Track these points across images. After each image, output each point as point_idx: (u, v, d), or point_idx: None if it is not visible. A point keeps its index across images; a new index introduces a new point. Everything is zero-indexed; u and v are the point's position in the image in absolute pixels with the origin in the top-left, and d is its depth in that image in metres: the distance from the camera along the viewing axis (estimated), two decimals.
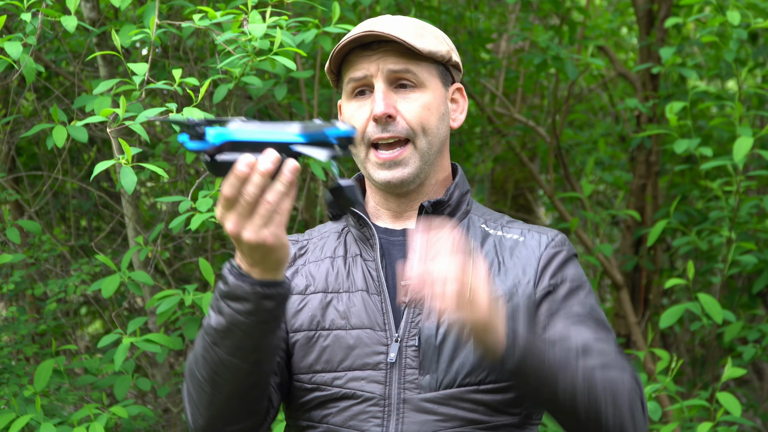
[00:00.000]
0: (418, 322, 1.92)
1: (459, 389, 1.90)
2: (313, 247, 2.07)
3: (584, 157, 5.28)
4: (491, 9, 5.21)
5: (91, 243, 4.01)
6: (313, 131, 1.66)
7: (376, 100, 1.95)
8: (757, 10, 4.08)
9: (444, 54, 2.00)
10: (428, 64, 1.98)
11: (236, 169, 1.61)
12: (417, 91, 1.97)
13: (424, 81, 1.97)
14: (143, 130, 2.73)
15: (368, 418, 1.91)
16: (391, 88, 1.96)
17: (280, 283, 1.73)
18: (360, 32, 1.95)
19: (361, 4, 3.67)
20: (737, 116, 3.71)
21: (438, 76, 2.00)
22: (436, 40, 2.00)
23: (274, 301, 1.73)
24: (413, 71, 1.96)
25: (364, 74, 1.96)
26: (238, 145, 1.63)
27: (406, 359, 1.91)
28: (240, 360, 1.78)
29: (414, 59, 1.96)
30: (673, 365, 3.42)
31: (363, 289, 1.96)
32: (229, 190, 1.62)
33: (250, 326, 1.74)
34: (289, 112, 4.20)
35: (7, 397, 3.14)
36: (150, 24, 2.89)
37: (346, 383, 1.92)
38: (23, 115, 4.02)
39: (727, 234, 3.92)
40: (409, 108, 1.96)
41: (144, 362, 3.89)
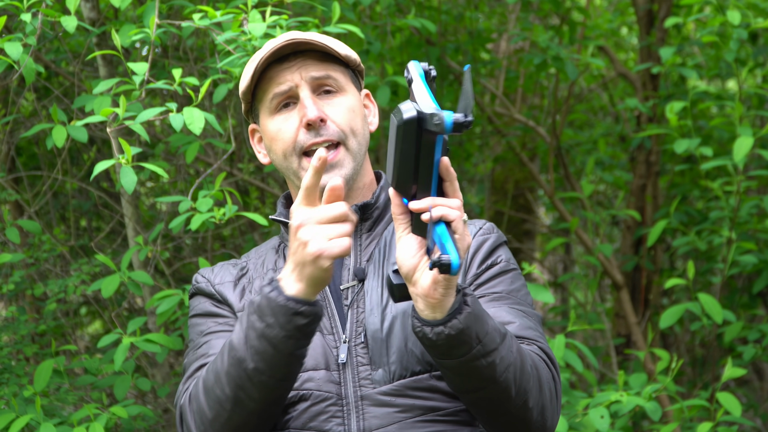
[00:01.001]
0: (362, 320, 1.95)
1: (412, 378, 1.93)
2: (253, 266, 2.12)
3: (584, 157, 5.28)
4: (491, 9, 5.21)
5: (91, 243, 4.00)
6: None
7: (306, 106, 1.99)
8: (757, 10, 4.08)
9: (355, 59, 2.06)
10: (344, 69, 2.05)
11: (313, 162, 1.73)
12: (339, 95, 2.02)
13: (343, 85, 2.03)
14: (143, 130, 2.73)
15: (328, 418, 1.93)
16: (315, 95, 2.01)
17: (314, 302, 1.79)
18: (278, 44, 1.99)
19: (361, 4, 3.67)
20: (737, 116, 3.71)
21: (352, 81, 2.06)
22: (345, 46, 2.07)
23: (307, 319, 1.78)
24: (333, 76, 2.02)
25: (289, 86, 2.00)
26: None
27: (357, 357, 1.95)
28: (268, 376, 1.83)
29: (332, 65, 2.02)
30: (673, 365, 3.42)
31: None
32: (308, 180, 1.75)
33: (282, 342, 1.79)
34: None
35: (7, 397, 3.13)
36: (150, 24, 2.89)
37: (302, 385, 1.95)
38: (23, 115, 4.02)
39: (727, 234, 3.92)
40: (336, 112, 2.00)
41: (144, 362, 3.89)
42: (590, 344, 5.33)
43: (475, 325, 1.75)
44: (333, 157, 1.99)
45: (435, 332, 1.74)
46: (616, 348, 4.66)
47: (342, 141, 2.00)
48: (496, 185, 5.64)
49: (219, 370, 1.87)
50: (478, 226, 2.06)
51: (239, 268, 2.13)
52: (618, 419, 3.42)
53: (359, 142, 2.03)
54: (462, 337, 1.74)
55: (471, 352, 1.75)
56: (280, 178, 4.44)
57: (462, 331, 1.74)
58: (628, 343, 4.63)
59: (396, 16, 4.31)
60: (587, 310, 4.68)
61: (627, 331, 4.66)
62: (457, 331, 1.73)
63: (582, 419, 3.26)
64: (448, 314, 1.74)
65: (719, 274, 4.54)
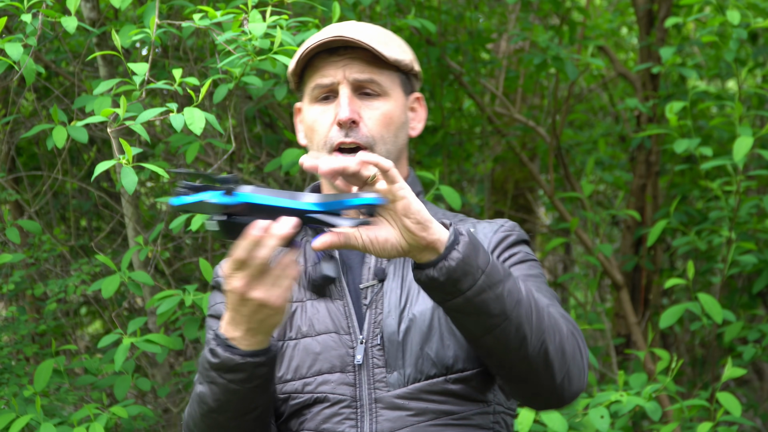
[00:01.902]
0: (380, 321, 1.94)
1: (427, 382, 1.92)
2: None
3: (584, 157, 5.28)
4: (491, 9, 5.21)
5: (91, 243, 4.01)
6: (331, 200, 1.67)
7: (341, 105, 1.98)
8: (757, 9, 4.08)
9: (407, 63, 2.03)
10: (392, 73, 2.02)
11: (253, 233, 1.65)
12: (380, 99, 2.00)
13: (387, 90, 2.01)
14: (143, 130, 2.73)
15: (342, 420, 1.92)
16: (356, 94, 1.99)
17: (269, 348, 1.79)
18: (328, 37, 1.97)
19: (361, 4, 3.67)
20: (737, 116, 3.71)
21: (400, 85, 2.04)
22: (400, 48, 2.03)
23: (267, 367, 1.79)
24: (377, 81, 1.99)
25: (331, 81, 1.99)
26: (255, 209, 1.65)
27: (373, 359, 1.93)
28: (239, 421, 1.85)
29: (379, 68, 1.99)
30: (673, 365, 3.42)
31: (326, 295, 1.98)
32: (242, 253, 1.66)
33: (246, 392, 1.80)
34: (289, 112, 4.20)
35: (7, 397, 3.14)
36: (150, 24, 2.89)
37: (316, 388, 1.94)
38: (23, 115, 4.02)
39: (727, 234, 3.92)
40: (371, 116, 1.99)
41: (144, 362, 3.89)
42: (590, 344, 5.33)
43: (475, 255, 1.72)
44: None
45: (438, 269, 1.70)
46: (616, 348, 4.66)
47: (369, 146, 1.99)
48: (496, 185, 5.64)
49: (195, 416, 1.90)
50: (499, 224, 2.04)
51: None
52: (618, 419, 3.42)
53: (388, 149, 2.00)
54: (465, 267, 1.70)
55: (477, 283, 1.72)
56: (280, 178, 4.44)
57: (463, 260, 1.70)
58: (628, 343, 4.63)
59: (396, 16, 4.31)
60: (587, 310, 4.68)
61: (627, 331, 4.66)
62: (458, 261, 1.70)
63: (582, 419, 3.26)
64: (446, 248, 1.71)
65: (719, 274, 4.54)
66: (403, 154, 2.07)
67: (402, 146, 2.05)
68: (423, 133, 4.67)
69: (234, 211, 1.65)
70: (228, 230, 1.66)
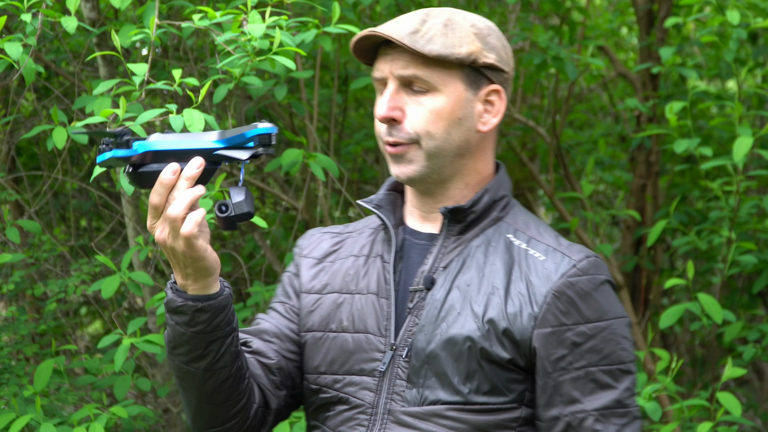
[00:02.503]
0: (414, 332, 1.88)
1: (442, 407, 1.85)
2: (351, 242, 2.04)
3: (584, 157, 5.28)
4: (491, 9, 5.21)
5: (91, 243, 4.01)
6: (231, 135, 1.73)
7: (381, 102, 1.91)
8: (757, 9, 4.08)
9: (462, 56, 1.87)
10: (444, 68, 1.89)
11: (162, 177, 1.70)
12: (428, 95, 1.89)
13: (436, 85, 1.89)
14: (143, 131, 2.74)
15: (355, 425, 1.90)
16: (404, 89, 1.91)
17: (213, 295, 1.81)
18: (366, 32, 1.91)
19: (361, 4, 3.66)
20: (737, 116, 3.71)
21: (460, 78, 1.90)
22: (454, 40, 1.89)
23: (208, 313, 1.81)
24: (421, 77, 1.88)
25: (381, 75, 1.92)
26: (160, 155, 1.71)
27: (397, 369, 1.89)
28: (192, 367, 1.86)
29: (424, 63, 1.88)
30: (673, 365, 3.42)
31: (375, 291, 1.94)
32: (156, 198, 1.72)
33: (191, 337, 1.83)
34: (289, 112, 4.20)
35: (7, 397, 3.14)
36: (150, 24, 2.89)
37: (343, 387, 1.92)
38: (23, 115, 4.02)
39: (727, 234, 3.92)
40: (416, 112, 1.89)
41: (144, 362, 3.89)
42: None
43: None
44: (401, 150, 1.90)
45: None
46: None
47: (415, 142, 1.90)
48: None
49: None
50: (572, 262, 1.87)
51: (336, 242, 2.05)
52: None
53: (438, 145, 1.88)
54: None
55: None
56: (280, 179, 4.45)
57: None
58: None
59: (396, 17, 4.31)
60: None
61: None
62: None
63: None
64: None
65: (719, 274, 4.54)
66: (472, 150, 1.93)
67: (461, 142, 1.91)
68: None
69: (140, 161, 1.71)
70: (141, 180, 1.72)
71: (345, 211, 4.39)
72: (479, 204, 1.93)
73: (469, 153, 1.93)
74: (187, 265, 1.78)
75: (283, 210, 4.49)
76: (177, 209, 1.72)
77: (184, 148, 1.72)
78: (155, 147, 1.71)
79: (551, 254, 1.88)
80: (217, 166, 1.75)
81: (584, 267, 1.86)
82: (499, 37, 1.93)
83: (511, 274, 1.88)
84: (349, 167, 4.56)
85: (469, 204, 1.92)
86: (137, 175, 1.72)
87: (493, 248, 1.91)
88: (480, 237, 1.93)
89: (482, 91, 1.92)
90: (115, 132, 1.71)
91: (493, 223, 1.94)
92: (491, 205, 1.94)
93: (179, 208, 1.72)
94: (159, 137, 1.72)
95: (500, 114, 1.94)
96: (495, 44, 1.92)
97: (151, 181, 1.72)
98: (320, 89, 4.26)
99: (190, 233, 1.73)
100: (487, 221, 1.94)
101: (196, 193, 1.73)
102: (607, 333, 1.85)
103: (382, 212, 1.98)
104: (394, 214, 1.99)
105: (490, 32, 1.92)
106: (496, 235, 1.92)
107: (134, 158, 1.70)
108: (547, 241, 1.91)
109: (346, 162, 4.62)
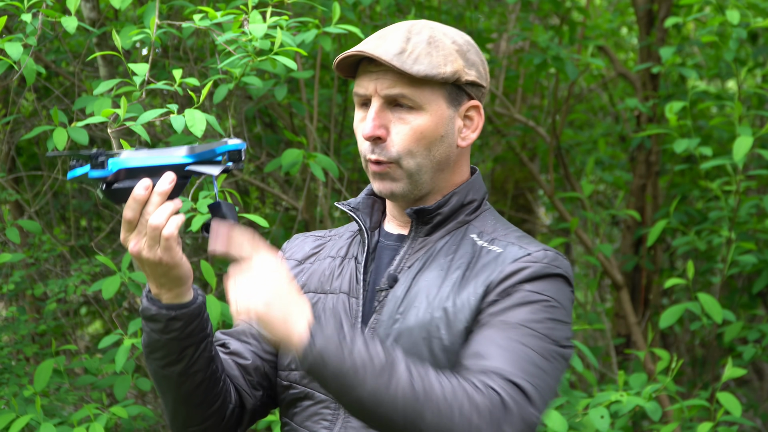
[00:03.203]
0: (375, 327, 1.91)
1: None
2: (331, 244, 2.09)
3: (584, 157, 5.28)
4: (491, 9, 5.21)
5: (91, 243, 4.01)
6: (200, 150, 1.78)
7: (366, 120, 1.93)
8: (757, 9, 4.09)
9: (447, 75, 1.90)
10: (428, 87, 1.91)
11: (135, 193, 1.75)
12: (413, 113, 1.91)
13: (422, 104, 1.91)
14: (144, 131, 2.74)
15: (319, 420, 1.93)
16: (390, 106, 1.92)
17: (186, 304, 1.86)
18: (352, 51, 1.92)
19: (361, 4, 3.67)
20: (737, 116, 3.71)
21: (443, 96, 1.92)
22: (438, 59, 1.91)
23: (182, 321, 1.86)
24: (408, 96, 1.90)
25: (365, 92, 1.93)
26: (133, 172, 1.76)
27: None
28: (168, 371, 1.91)
29: (410, 83, 1.90)
30: (673, 365, 3.42)
31: (346, 291, 1.97)
32: (129, 213, 1.77)
33: (165, 343, 1.87)
34: (289, 112, 4.20)
35: (7, 397, 3.14)
36: (150, 24, 2.89)
37: (310, 382, 1.95)
38: (23, 115, 4.02)
39: (726, 234, 3.92)
40: (400, 131, 1.91)
41: (144, 362, 3.89)
42: (590, 344, 5.33)
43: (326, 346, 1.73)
44: (384, 168, 1.92)
45: None
46: (616, 348, 4.67)
47: (396, 162, 1.92)
48: (496, 185, 5.64)
49: None
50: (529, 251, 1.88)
51: (317, 245, 2.10)
52: (618, 419, 3.42)
53: (419, 163, 1.91)
54: None
55: None
56: (280, 179, 4.45)
57: None
58: (628, 343, 4.63)
59: (396, 16, 4.31)
60: (587, 310, 4.68)
61: (627, 331, 4.66)
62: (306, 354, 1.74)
63: (582, 419, 3.26)
64: None
65: (719, 274, 4.54)
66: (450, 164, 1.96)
67: (442, 158, 1.93)
68: None
69: (114, 179, 1.76)
70: (116, 197, 1.77)
71: (345, 212, 4.39)
72: (446, 206, 1.96)
73: (448, 167, 1.97)
74: (162, 275, 1.82)
75: (283, 210, 4.49)
76: (160, 218, 1.76)
77: (156, 164, 1.77)
78: (127, 164, 1.76)
79: (509, 247, 1.91)
80: (187, 181, 1.80)
81: (538, 256, 1.87)
82: (477, 52, 1.97)
83: (468, 269, 1.90)
84: (349, 167, 4.56)
85: (435, 206, 1.95)
86: (111, 192, 1.77)
87: (456, 248, 1.94)
88: (445, 238, 1.96)
89: (462, 107, 1.95)
90: (90, 154, 1.75)
91: (460, 225, 1.97)
92: (459, 209, 1.97)
93: (162, 218, 1.76)
94: (130, 154, 1.77)
95: (478, 129, 1.97)
96: (474, 60, 1.95)
97: (125, 197, 1.77)
98: (320, 89, 4.26)
99: (170, 235, 1.76)
100: (453, 223, 1.97)
101: (175, 205, 1.78)
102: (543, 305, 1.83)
103: (358, 215, 2.02)
104: (371, 218, 2.03)
105: (469, 48, 1.96)
106: (460, 236, 1.95)
107: (109, 177, 1.76)
108: (509, 239, 1.93)
109: (346, 162, 4.62)
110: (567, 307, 1.86)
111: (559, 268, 1.87)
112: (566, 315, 1.86)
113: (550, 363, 1.80)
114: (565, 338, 1.84)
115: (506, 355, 1.77)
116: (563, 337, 1.84)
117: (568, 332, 1.85)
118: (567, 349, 1.84)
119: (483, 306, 1.84)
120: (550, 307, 1.83)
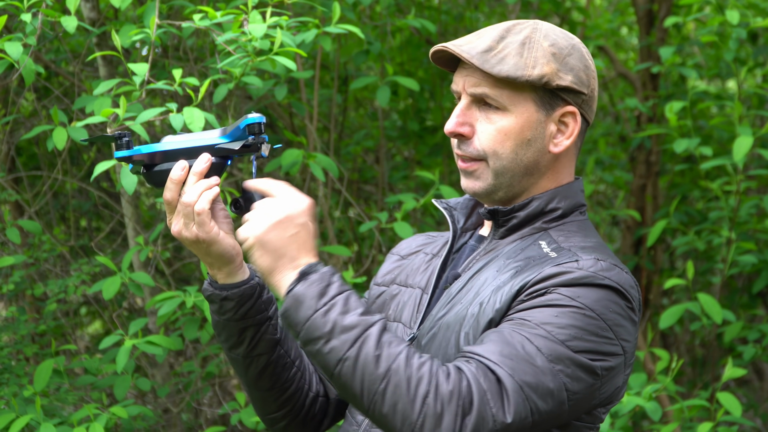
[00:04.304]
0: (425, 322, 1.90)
1: None
2: (434, 244, 2.09)
3: (584, 157, 5.28)
4: (491, 9, 5.21)
5: (91, 243, 4.01)
6: (231, 129, 1.85)
7: (451, 116, 1.91)
8: (757, 9, 4.09)
9: (533, 78, 1.84)
10: (513, 88, 1.86)
11: (172, 174, 1.82)
12: (499, 113, 1.87)
13: (506, 105, 1.86)
14: (143, 131, 2.74)
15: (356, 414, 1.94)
16: (477, 104, 1.89)
17: (237, 284, 1.91)
18: (440, 46, 1.90)
19: (361, 4, 3.67)
20: (737, 116, 3.71)
21: (531, 99, 1.87)
22: (527, 60, 1.85)
23: (233, 301, 1.90)
24: (492, 96, 1.86)
25: (456, 88, 1.92)
26: (170, 154, 1.84)
27: None
28: (233, 354, 1.96)
29: (494, 83, 1.86)
30: (673, 365, 3.42)
31: (422, 287, 1.97)
32: (168, 194, 1.83)
33: (224, 324, 1.93)
34: (289, 112, 4.20)
35: (7, 397, 3.14)
36: (150, 24, 2.89)
37: None
38: (23, 115, 4.02)
39: (726, 234, 3.92)
40: (485, 130, 1.88)
41: (144, 362, 3.89)
42: None
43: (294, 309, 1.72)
44: (469, 166, 1.90)
45: None
46: None
47: (482, 159, 1.89)
48: None
49: None
50: (575, 257, 1.80)
51: (423, 242, 2.11)
52: (618, 419, 3.42)
53: (504, 165, 1.87)
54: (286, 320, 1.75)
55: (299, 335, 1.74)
56: (280, 179, 4.44)
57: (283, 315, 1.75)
58: None
59: (396, 16, 4.31)
60: None
61: None
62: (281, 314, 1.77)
63: None
64: None
65: (719, 274, 4.54)
66: (541, 170, 1.90)
67: (528, 163, 1.88)
68: (423, 133, 4.67)
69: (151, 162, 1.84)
70: (155, 179, 1.85)
71: (345, 211, 4.39)
72: (523, 210, 1.91)
73: (538, 172, 1.91)
74: (205, 253, 1.86)
75: None
76: (192, 196, 1.81)
77: (191, 146, 1.83)
78: (162, 148, 1.84)
79: (563, 253, 1.83)
80: (226, 161, 1.85)
81: (586, 264, 1.78)
82: (581, 57, 1.89)
83: (519, 271, 1.83)
84: (349, 167, 4.56)
85: (510, 208, 1.91)
86: (150, 174, 1.84)
87: (520, 252, 1.88)
88: (517, 242, 1.91)
89: (556, 113, 1.89)
90: (114, 135, 1.82)
91: (536, 231, 1.91)
92: (538, 214, 1.91)
93: (194, 195, 1.81)
94: (170, 138, 1.84)
95: (574, 135, 1.90)
96: (574, 65, 1.88)
97: (164, 179, 1.83)
98: (320, 89, 4.26)
99: (201, 210, 1.81)
100: (528, 228, 1.91)
101: (209, 183, 1.83)
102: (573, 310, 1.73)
103: (453, 214, 2.01)
104: (467, 219, 2.02)
105: (571, 52, 1.89)
106: (531, 242, 1.89)
107: (145, 159, 1.84)
108: (572, 247, 1.85)
109: (346, 162, 4.62)
110: (609, 319, 1.75)
111: (608, 279, 1.76)
112: (603, 328, 1.74)
113: (555, 366, 1.70)
114: (595, 350, 1.73)
115: (500, 345, 1.71)
116: (591, 348, 1.72)
117: (604, 346, 1.74)
118: (597, 362, 1.73)
119: (514, 304, 1.78)
120: (581, 315, 1.73)
